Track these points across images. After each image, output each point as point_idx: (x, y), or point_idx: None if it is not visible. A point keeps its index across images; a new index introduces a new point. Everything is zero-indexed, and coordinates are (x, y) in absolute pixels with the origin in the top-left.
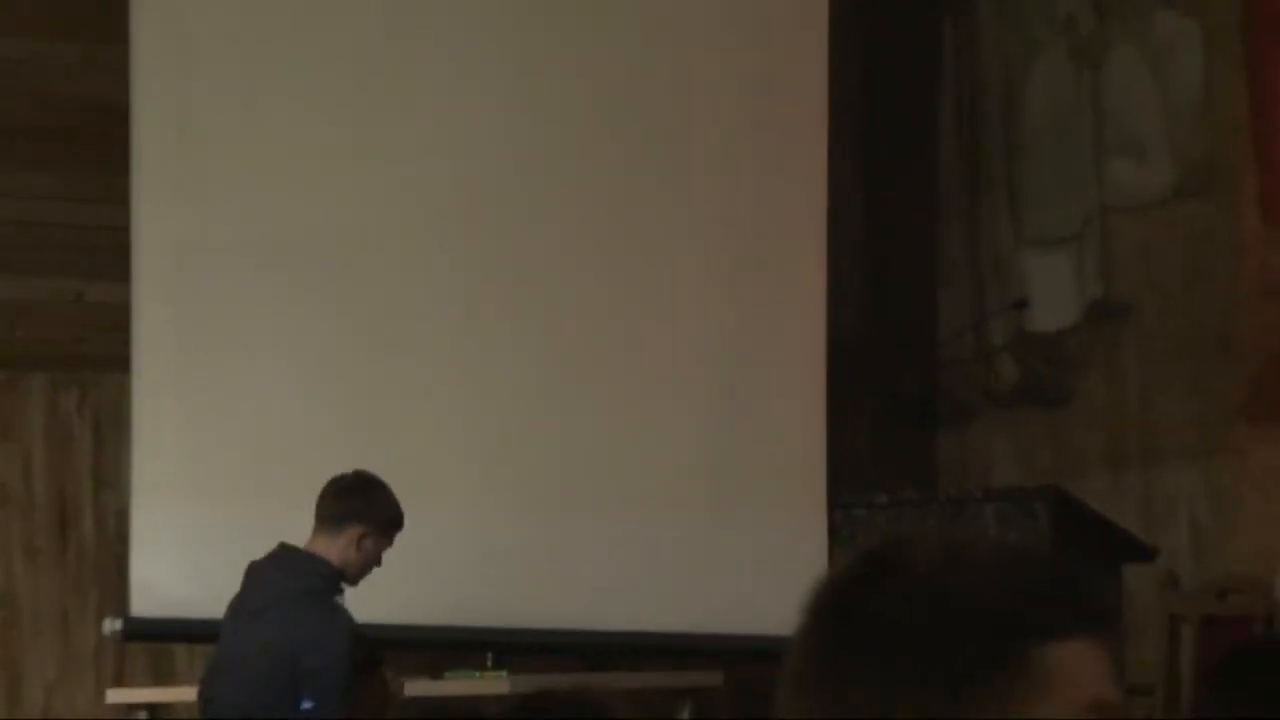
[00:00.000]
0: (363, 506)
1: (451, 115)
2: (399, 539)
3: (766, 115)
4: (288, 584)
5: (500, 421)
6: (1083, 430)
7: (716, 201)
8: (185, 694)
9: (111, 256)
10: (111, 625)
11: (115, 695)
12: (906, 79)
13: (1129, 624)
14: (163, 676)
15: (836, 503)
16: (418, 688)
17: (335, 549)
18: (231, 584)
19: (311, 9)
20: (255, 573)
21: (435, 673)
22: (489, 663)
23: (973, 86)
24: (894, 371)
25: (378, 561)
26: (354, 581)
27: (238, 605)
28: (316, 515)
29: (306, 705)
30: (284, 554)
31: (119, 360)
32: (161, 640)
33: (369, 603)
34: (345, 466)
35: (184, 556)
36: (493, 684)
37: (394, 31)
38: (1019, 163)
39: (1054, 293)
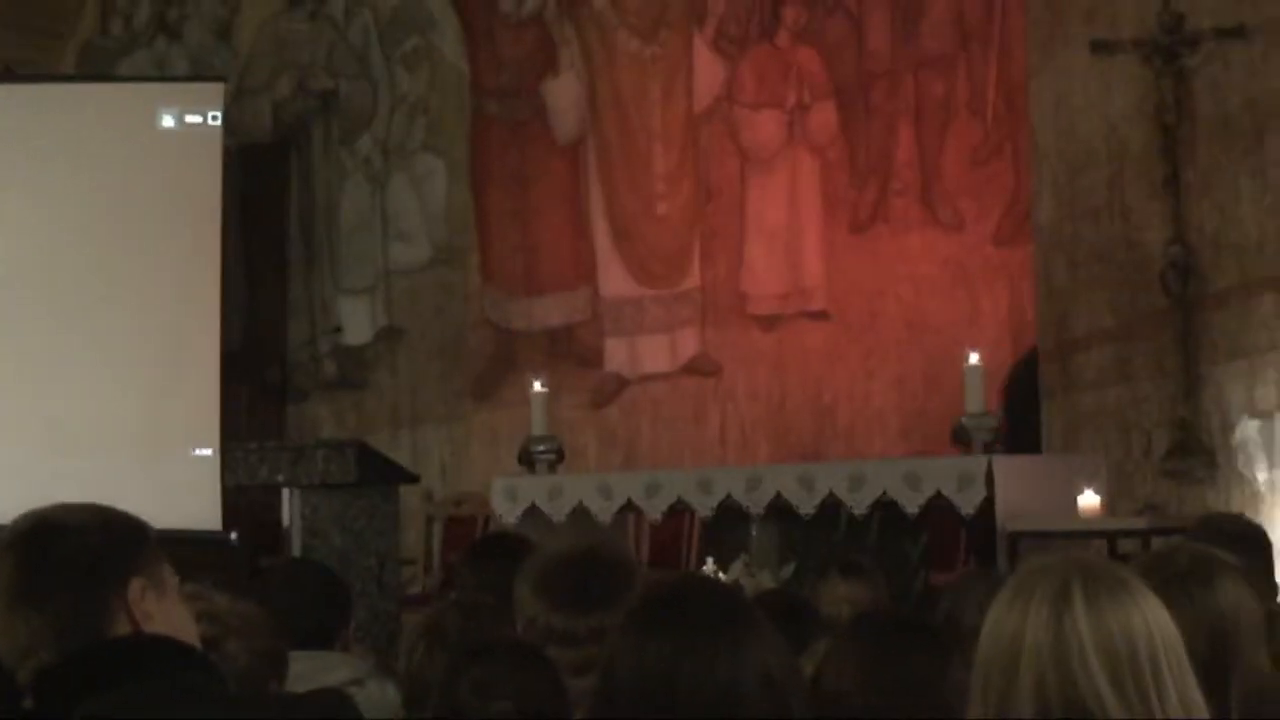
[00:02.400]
0: None
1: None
2: None
3: (189, 224)
4: None
5: (22, 395)
6: (375, 404)
7: (160, 271)
8: None
9: None
10: None
11: None
12: (269, 195)
13: (403, 522)
14: None
15: (227, 449)
16: None
17: None
18: None
19: None
20: None
21: None
22: None
23: (308, 198)
24: (262, 368)
25: None
26: None
27: None
28: None
29: None
30: None
31: None
32: None
33: None
34: None
35: None
36: None
37: None
38: (336, 244)
39: (357, 322)
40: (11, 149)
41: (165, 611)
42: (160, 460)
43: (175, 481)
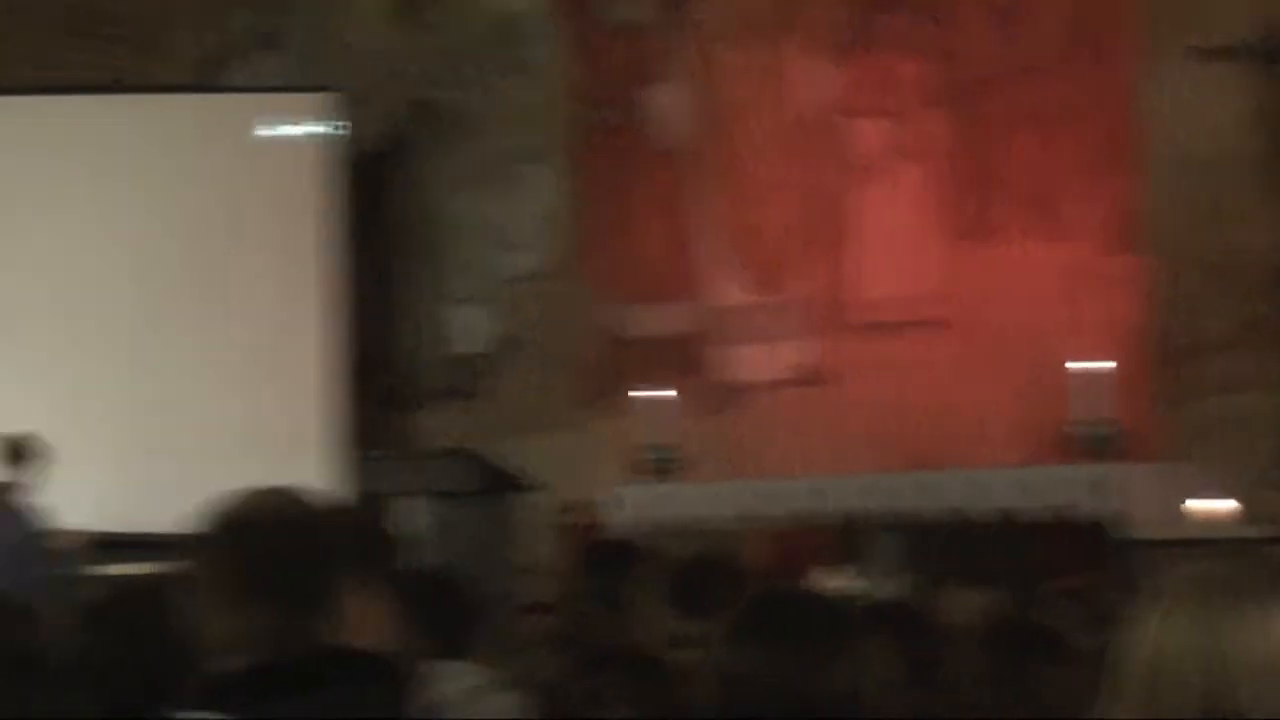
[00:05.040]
0: (23, 447)
1: (104, 231)
2: (74, 476)
3: (299, 234)
4: None
5: (137, 407)
6: (487, 414)
7: (268, 281)
8: None
9: None
10: None
11: None
12: (378, 204)
13: (521, 531)
14: None
15: (352, 454)
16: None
17: (12, 475)
18: None
19: (15, 172)
20: None
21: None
22: None
23: (416, 208)
24: (378, 378)
25: (38, 481)
26: (26, 495)
27: None
28: None
29: (39, 569)
30: None
31: None
32: None
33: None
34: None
35: None
36: (142, 568)
37: (70, 187)
38: (445, 254)
39: (470, 331)
40: (121, 160)
41: (376, 614)
42: (276, 471)
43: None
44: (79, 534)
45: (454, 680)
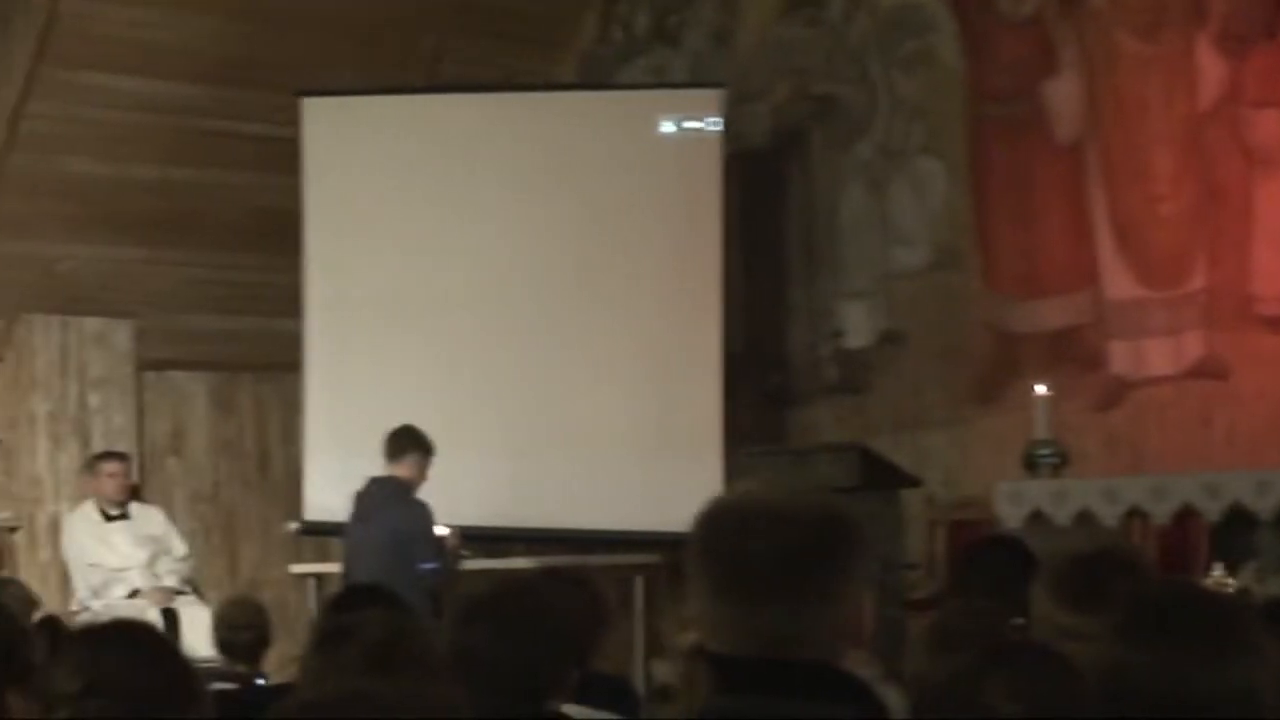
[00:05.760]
0: (411, 442)
1: (495, 228)
2: (459, 470)
3: (689, 229)
4: (382, 494)
5: (525, 401)
6: (876, 408)
7: (660, 277)
8: (337, 568)
9: (290, 304)
10: (292, 525)
11: (295, 568)
12: (768, 200)
13: (905, 527)
14: (324, 557)
15: (731, 453)
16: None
17: (401, 470)
18: None
19: (415, 166)
20: (359, 495)
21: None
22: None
23: (808, 203)
24: (763, 372)
25: (426, 475)
26: (415, 490)
27: (354, 516)
28: (385, 455)
29: (430, 565)
30: (373, 480)
31: (294, 365)
32: (322, 535)
33: (448, 513)
34: (432, 431)
35: (333, 484)
36: (523, 564)
37: (467, 183)
38: (836, 248)
39: (858, 326)
40: (512, 157)
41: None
42: (662, 465)
43: (677, 486)
44: (461, 529)
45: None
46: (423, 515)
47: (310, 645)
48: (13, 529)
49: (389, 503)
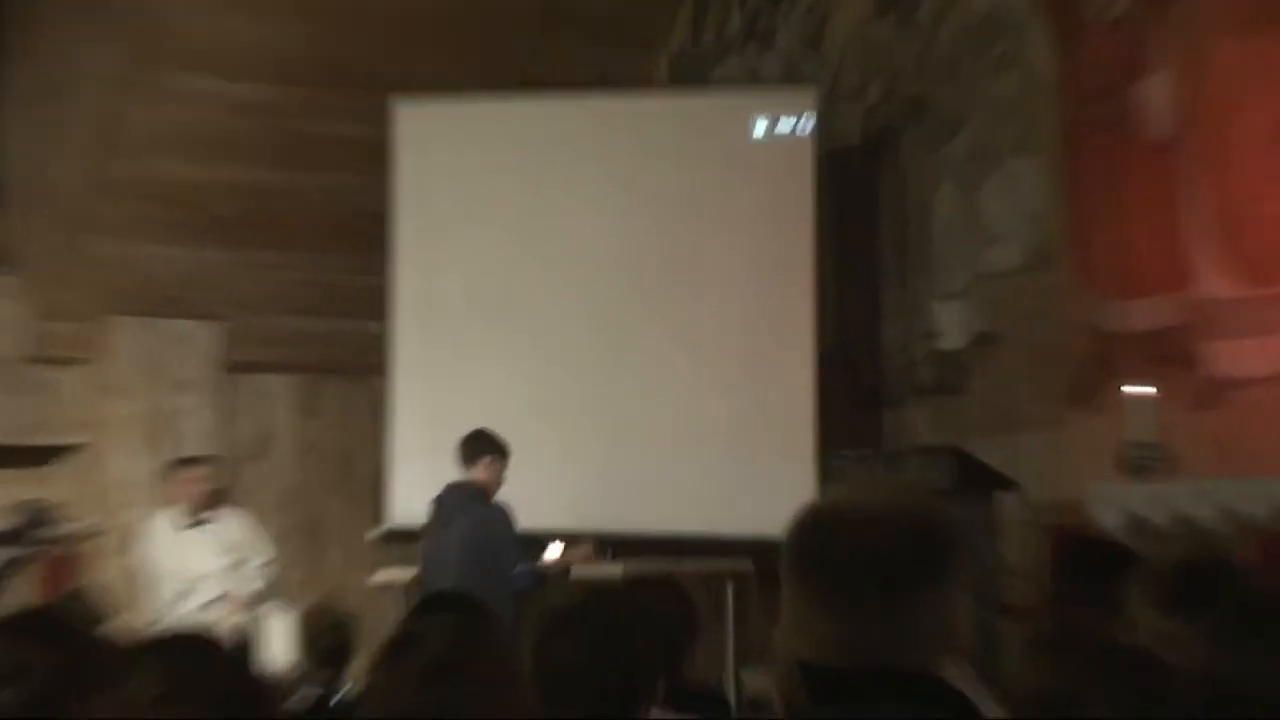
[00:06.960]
0: (486, 445)
1: (587, 229)
2: (549, 474)
3: (781, 229)
4: (459, 500)
5: (615, 404)
6: (970, 410)
7: (753, 278)
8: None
9: (377, 306)
10: (377, 531)
11: (379, 575)
12: (860, 200)
13: (1001, 530)
14: (408, 562)
15: (824, 455)
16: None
17: (477, 474)
18: None
19: (505, 168)
20: (438, 500)
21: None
22: (609, 554)
23: (901, 204)
24: (857, 374)
25: (503, 479)
26: (493, 494)
27: (433, 520)
28: (460, 459)
29: (522, 568)
30: (451, 485)
31: (380, 368)
32: (406, 541)
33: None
34: (521, 435)
35: (417, 489)
36: (612, 569)
37: (558, 185)
38: (929, 248)
39: (952, 327)
40: (605, 158)
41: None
42: (754, 468)
43: (770, 489)
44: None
45: None
46: (502, 519)
47: (378, 654)
48: (96, 535)
49: (466, 508)
